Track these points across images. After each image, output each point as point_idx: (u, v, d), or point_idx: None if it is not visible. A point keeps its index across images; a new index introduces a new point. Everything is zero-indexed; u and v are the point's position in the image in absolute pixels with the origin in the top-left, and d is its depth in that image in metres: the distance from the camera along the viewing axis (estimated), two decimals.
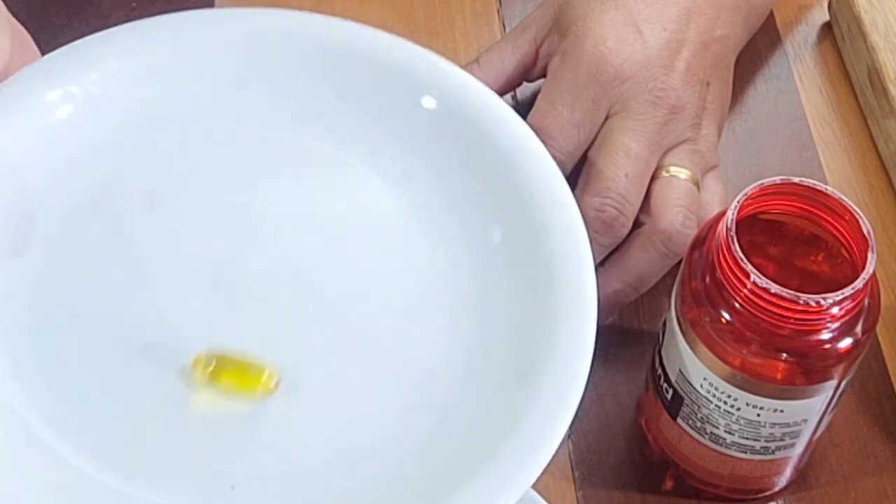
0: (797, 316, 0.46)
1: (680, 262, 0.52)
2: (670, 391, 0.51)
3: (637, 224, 0.56)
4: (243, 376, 0.48)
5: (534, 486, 0.45)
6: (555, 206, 0.49)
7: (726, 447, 0.51)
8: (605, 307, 0.50)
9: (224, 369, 0.48)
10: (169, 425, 0.47)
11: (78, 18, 0.55)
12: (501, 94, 0.60)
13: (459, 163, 0.52)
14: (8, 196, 0.50)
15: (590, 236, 0.48)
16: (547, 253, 0.48)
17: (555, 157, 0.50)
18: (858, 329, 0.47)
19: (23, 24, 0.52)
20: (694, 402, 0.50)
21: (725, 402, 0.49)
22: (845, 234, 0.48)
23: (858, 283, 0.46)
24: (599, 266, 0.56)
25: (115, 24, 0.58)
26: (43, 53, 0.53)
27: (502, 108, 0.52)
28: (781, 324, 0.47)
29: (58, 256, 0.50)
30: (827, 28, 0.69)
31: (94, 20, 0.65)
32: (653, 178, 0.57)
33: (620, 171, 0.55)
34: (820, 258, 0.49)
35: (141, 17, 0.54)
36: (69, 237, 0.51)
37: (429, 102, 0.52)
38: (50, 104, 0.52)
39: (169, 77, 0.53)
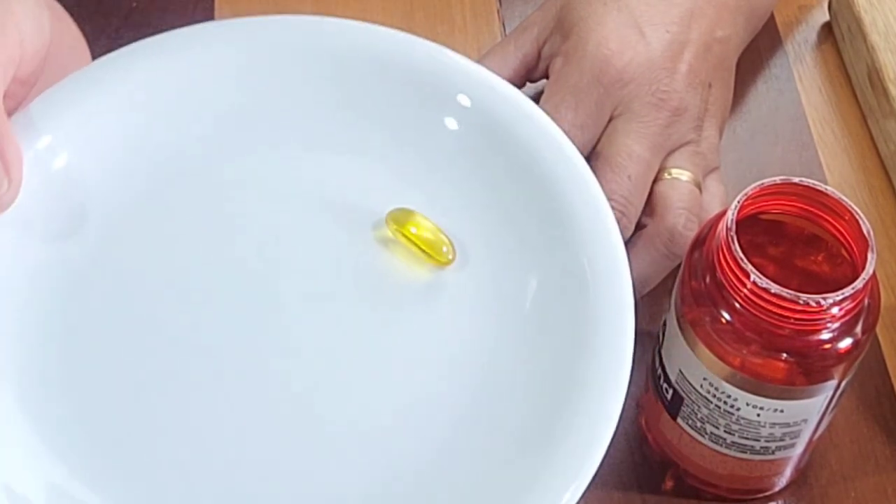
0: (797, 316, 0.46)
1: (680, 262, 0.52)
2: (670, 391, 0.51)
3: (639, 226, 0.56)
4: (429, 241, 0.51)
5: None
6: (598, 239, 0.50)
7: (726, 447, 0.51)
8: None
9: (411, 228, 0.51)
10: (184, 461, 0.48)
11: (79, 19, 0.55)
12: None
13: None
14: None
15: None
16: (590, 298, 0.49)
17: None
18: (858, 329, 0.47)
19: None
20: (694, 402, 0.51)
21: (725, 402, 0.49)
22: (845, 234, 0.48)
23: (858, 283, 0.46)
24: None
25: (116, 23, 0.58)
26: None
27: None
28: (781, 324, 0.47)
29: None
30: (827, 28, 0.69)
31: (95, 17, 0.65)
32: (655, 180, 0.57)
33: (624, 173, 0.55)
34: (820, 258, 0.49)
35: (141, 16, 0.54)
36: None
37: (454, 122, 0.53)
38: (45, 152, 0.52)
39: (183, 105, 0.53)
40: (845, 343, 0.47)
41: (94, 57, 0.55)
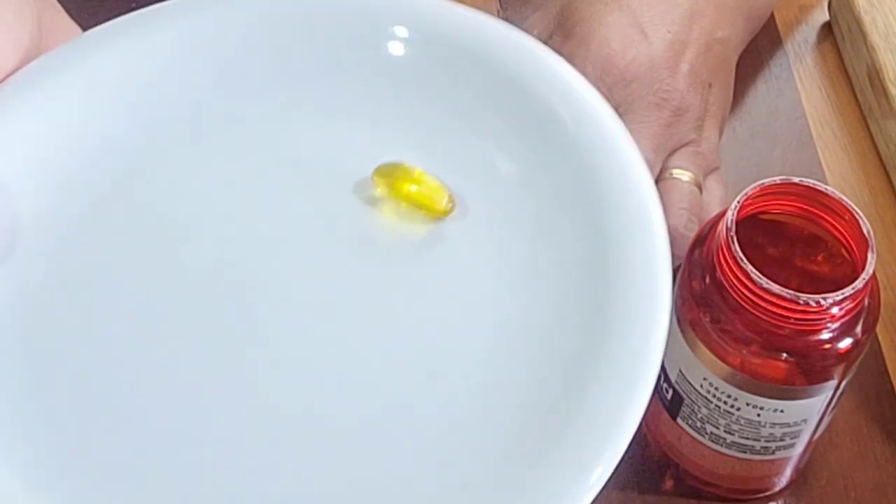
0: (797, 316, 0.46)
1: (680, 262, 0.52)
2: (670, 391, 0.51)
3: None
4: (426, 194, 0.48)
5: None
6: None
7: (726, 447, 0.51)
8: None
9: (405, 182, 0.48)
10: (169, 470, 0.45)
11: (79, 18, 0.55)
12: None
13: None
14: None
15: None
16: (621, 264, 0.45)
17: None
18: (858, 329, 0.47)
19: None
20: (694, 402, 0.51)
21: (725, 402, 0.49)
22: (845, 234, 0.48)
23: (858, 284, 0.46)
24: None
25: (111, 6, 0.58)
26: None
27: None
28: (781, 324, 0.47)
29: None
30: (827, 28, 0.69)
31: (95, 19, 0.65)
32: (656, 181, 0.57)
33: None
34: (820, 258, 0.49)
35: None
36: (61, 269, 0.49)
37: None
38: (46, 105, 0.51)
39: (177, 74, 0.52)
40: (845, 343, 0.47)
41: None
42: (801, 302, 0.46)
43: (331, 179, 0.50)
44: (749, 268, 0.46)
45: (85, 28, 0.55)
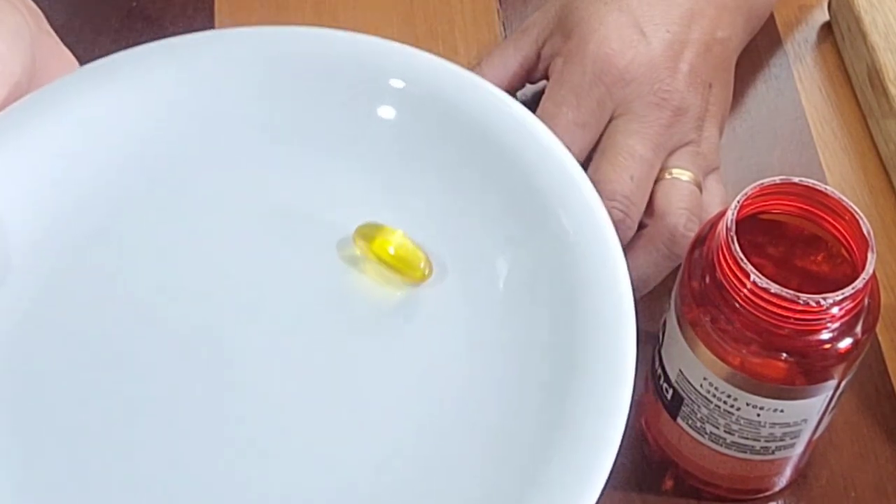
0: (797, 316, 0.46)
1: (680, 262, 0.52)
2: (670, 391, 0.51)
3: (640, 226, 0.56)
4: (404, 258, 0.48)
5: None
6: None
7: (726, 447, 0.51)
8: None
9: (384, 244, 0.48)
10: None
11: (79, 18, 0.55)
12: None
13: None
14: None
15: None
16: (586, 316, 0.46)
17: None
18: (858, 329, 0.47)
19: None
20: (694, 401, 0.50)
21: (725, 402, 0.49)
22: (845, 234, 0.48)
23: (858, 283, 0.46)
24: None
25: (115, 24, 0.58)
26: None
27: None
28: (781, 324, 0.47)
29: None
30: (827, 28, 0.69)
31: (95, 18, 0.65)
32: (656, 181, 0.57)
33: (626, 173, 0.55)
34: (820, 258, 0.49)
35: (141, 15, 0.54)
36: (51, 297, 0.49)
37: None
38: (48, 139, 0.51)
39: (174, 110, 0.53)
40: (845, 343, 0.47)
41: (94, 57, 0.54)
42: (801, 302, 0.46)
43: (314, 235, 0.51)
44: (749, 268, 0.46)
45: (81, 54, 0.54)
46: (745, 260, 0.46)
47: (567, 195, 0.49)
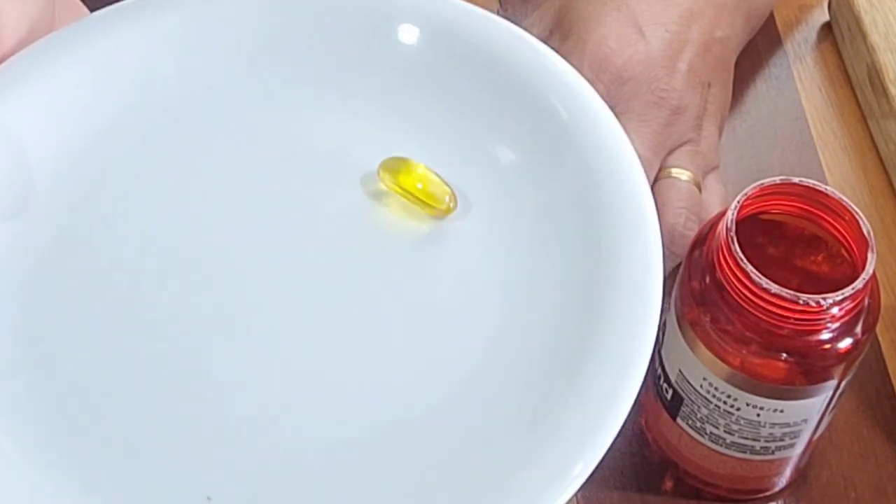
0: (797, 316, 0.46)
1: (680, 262, 0.52)
2: (670, 391, 0.51)
3: None
4: (429, 191, 0.48)
5: None
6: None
7: (726, 447, 0.51)
8: None
9: (408, 179, 0.48)
10: (148, 435, 0.46)
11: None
12: None
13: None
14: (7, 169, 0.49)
15: None
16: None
17: None
18: (858, 329, 0.47)
19: None
20: (694, 402, 0.50)
21: (725, 402, 0.49)
22: (845, 234, 0.48)
23: (858, 284, 0.46)
24: None
25: None
26: None
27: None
28: (781, 324, 0.46)
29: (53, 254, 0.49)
30: (827, 28, 0.69)
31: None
32: (654, 180, 0.57)
33: None
34: (820, 258, 0.49)
35: None
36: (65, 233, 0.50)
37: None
38: (57, 81, 0.51)
39: (180, 51, 0.53)
40: (845, 343, 0.47)
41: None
42: (801, 302, 0.46)
43: (337, 172, 0.51)
44: (749, 268, 0.46)
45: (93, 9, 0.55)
46: (745, 260, 0.46)
47: (591, 130, 0.49)
